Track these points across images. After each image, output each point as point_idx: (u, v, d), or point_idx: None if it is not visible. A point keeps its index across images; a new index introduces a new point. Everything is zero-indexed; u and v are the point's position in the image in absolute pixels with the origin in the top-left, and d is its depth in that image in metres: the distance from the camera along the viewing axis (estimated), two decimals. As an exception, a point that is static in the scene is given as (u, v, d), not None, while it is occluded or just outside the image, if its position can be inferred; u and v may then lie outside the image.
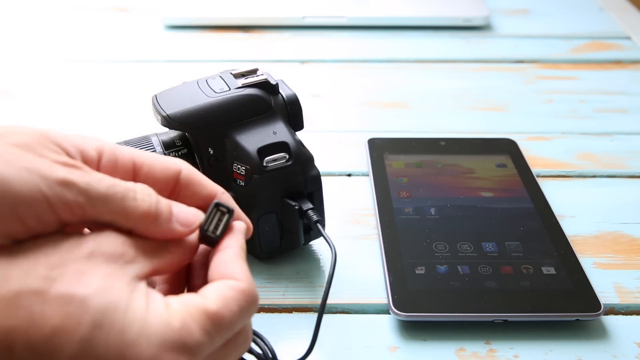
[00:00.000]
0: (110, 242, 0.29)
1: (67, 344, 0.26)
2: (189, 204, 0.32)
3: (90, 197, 0.28)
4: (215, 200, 0.32)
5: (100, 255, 0.28)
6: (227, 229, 0.32)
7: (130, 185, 0.30)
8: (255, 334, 0.38)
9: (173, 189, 0.33)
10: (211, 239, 0.32)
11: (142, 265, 0.29)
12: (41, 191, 0.27)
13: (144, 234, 0.30)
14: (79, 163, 0.29)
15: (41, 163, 0.28)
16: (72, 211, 0.28)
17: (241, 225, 0.33)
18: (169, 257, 0.31)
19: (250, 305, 0.30)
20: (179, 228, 0.31)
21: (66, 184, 0.28)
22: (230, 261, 0.31)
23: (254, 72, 0.45)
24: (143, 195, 0.30)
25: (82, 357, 0.26)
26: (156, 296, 0.28)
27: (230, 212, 0.32)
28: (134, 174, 0.32)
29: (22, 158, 0.27)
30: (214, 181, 0.34)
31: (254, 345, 0.37)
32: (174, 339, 0.27)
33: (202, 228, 0.31)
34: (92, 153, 0.31)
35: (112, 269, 0.28)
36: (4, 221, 0.27)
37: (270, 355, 0.37)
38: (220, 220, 0.32)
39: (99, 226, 0.30)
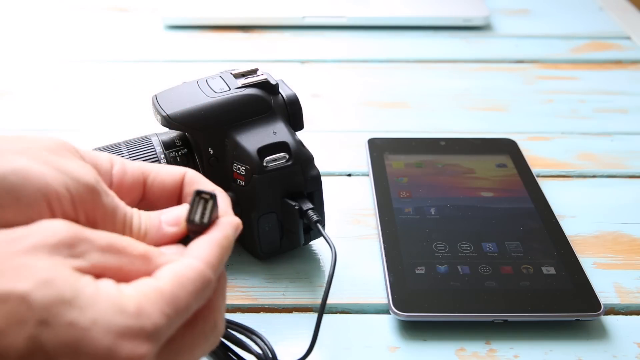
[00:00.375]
0: (58, 230, 0.26)
1: (12, 346, 0.24)
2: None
3: (105, 209, 0.30)
4: (196, 189, 0.31)
5: (43, 246, 0.26)
6: (213, 216, 0.31)
7: (128, 209, 0.31)
8: (255, 334, 0.38)
9: (180, 192, 0.34)
10: (198, 227, 0.31)
11: (92, 259, 0.27)
12: (69, 191, 0.28)
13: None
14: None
15: (71, 166, 0.29)
16: (86, 215, 0.29)
17: (230, 218, 0.32)
18: (128, 262, 0.28)
19: (204, 286, 0.28)
20: (170, 230, 0.31)
21: (91, 190, 0.29)
22: (200, 243, 0.30)
23: (254, 72, 0.45)
24: (133, 218, 0.31)
25: (31, 357, 0.24)
26: (107, 282, 0.26)
27: (213, 197, 0.31)
28: (143, 179, 0.33)
29: (55, 160, 0.29)
30: (214, 181, 0.34)
31: (254, 345, 0.37)
32: (131, 325, 0.25)
33: (188, 218, 0.30)
34: (106, 164, 0.33)
35: (55, 260, 0.26)
36: (38, 208, 0.28)
37: (270, 355, 0.37)
38: (205, 208, 0.31)
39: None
